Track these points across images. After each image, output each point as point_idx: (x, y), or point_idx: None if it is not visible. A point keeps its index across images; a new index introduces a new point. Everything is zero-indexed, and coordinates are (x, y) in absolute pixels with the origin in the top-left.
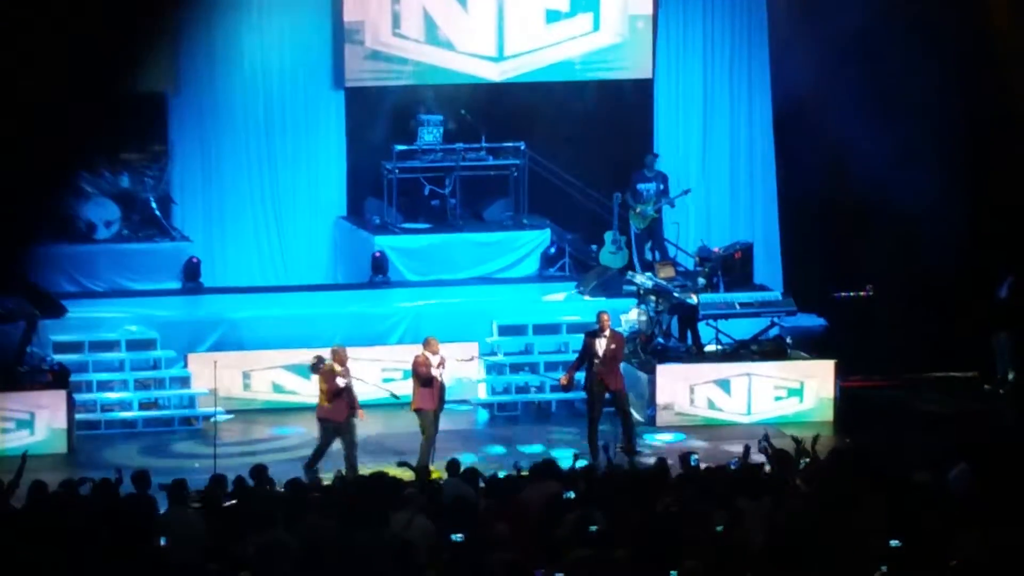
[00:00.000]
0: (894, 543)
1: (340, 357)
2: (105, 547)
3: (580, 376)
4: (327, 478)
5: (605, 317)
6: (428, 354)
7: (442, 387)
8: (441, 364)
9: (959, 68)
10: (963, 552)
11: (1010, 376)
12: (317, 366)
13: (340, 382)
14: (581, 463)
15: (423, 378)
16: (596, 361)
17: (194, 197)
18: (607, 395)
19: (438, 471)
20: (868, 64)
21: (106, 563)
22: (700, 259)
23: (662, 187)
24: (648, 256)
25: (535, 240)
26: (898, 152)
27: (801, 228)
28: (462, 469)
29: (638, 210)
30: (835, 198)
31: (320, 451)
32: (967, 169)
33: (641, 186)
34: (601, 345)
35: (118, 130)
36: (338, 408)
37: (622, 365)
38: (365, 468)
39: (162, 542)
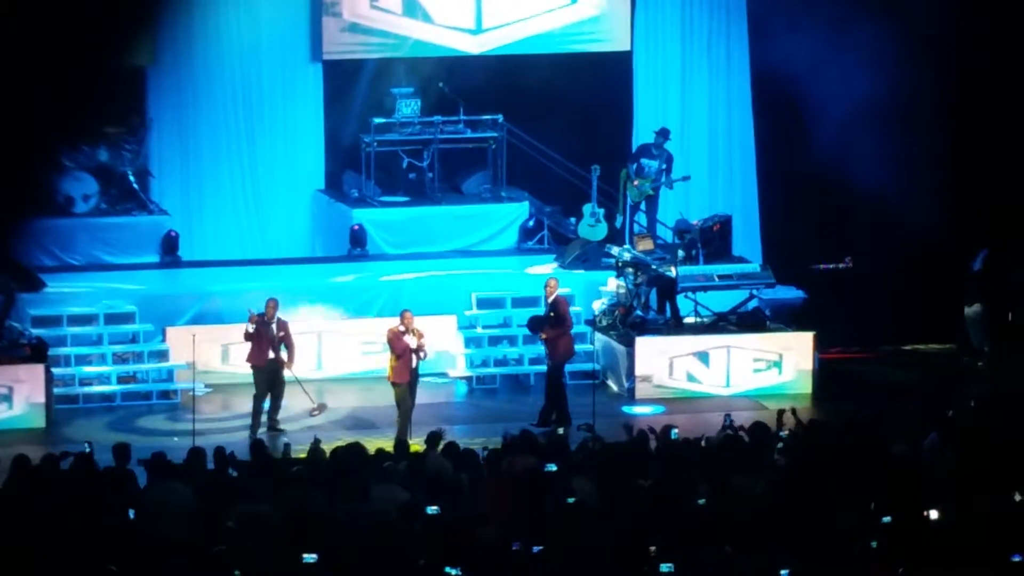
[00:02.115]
0: (886, 519)
1: (268, 309)
2: (85, 521)
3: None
4: (301, 450)
5: (550, 283)
6: (402, 327)
7: (419, 357)
8: (419, 336)
9: (936, 36)
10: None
11: (985, 348)
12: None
13: (249, 328)
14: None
15: (396, 351)
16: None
17: (172, 170)
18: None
19: (417, 444)
20: (846, 34)
21: (85, 537)
22: (679, 231)
23: (664, 167)
24: (637, 230)
25: (514, 213)
26: (876, 124)
27: (780, 200)
28: (441, 442)
29: (636, 183)
30: (813, 170)
31: (256, 399)
32: (944, 142)
33: (645, 161)
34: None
35: (96, 103)
36: (253, 352)
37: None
38: (343, 440)
39: (144, 516)
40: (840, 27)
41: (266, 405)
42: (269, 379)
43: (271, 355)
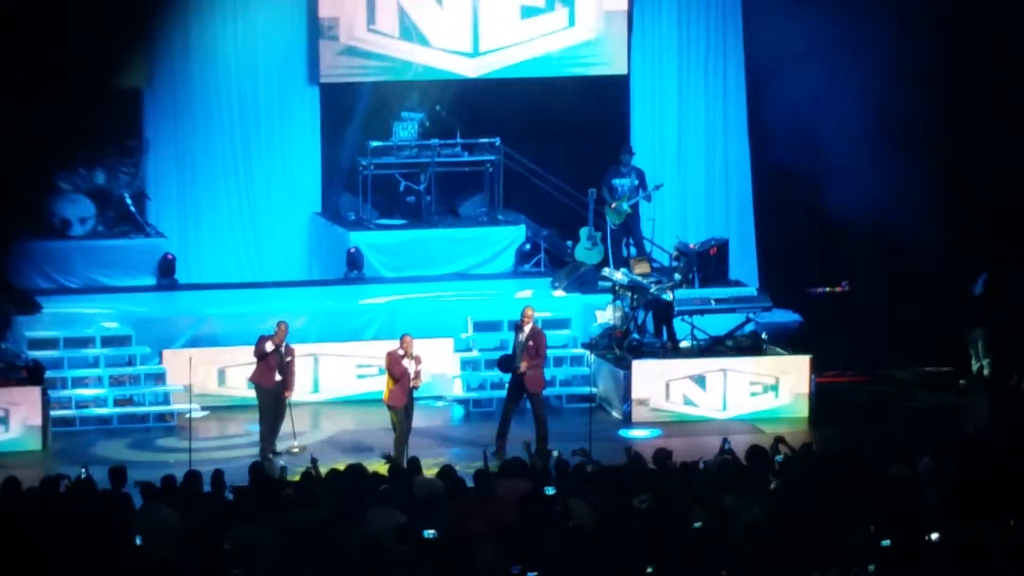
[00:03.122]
0: (885, 543)
1: (279, 331)
2: (81, 543)
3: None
4: (296, 473)
5: (527, 312)
6: (401, 351)
7: (415, 379)
8: (417, 362)
9: (934, 57)
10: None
11: (985, 371)
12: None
13: (268, 346)
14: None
15: (395, 375)
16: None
17: (169, 193)
18: (525, 393)
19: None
20: (844, 57)
21: (81, 560)
22: (677, 254)
23: (637, 183)
24: (625, 252)
25: (510, 236)
26: (874, 147)
27: (777, 224)
28: (438, 466)
29: (613, 205)
30: (810, 194)
31: (262, 421)
32: (943, 165)
33: (616, 181)
34: (519, 340)
35: (93, 126)
36: (261, 371)
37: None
38: (339, 463)
39: (138, 539)
40: (838, 51)
41: (253, 427)
42: (273, 401)
43: (277, 377)
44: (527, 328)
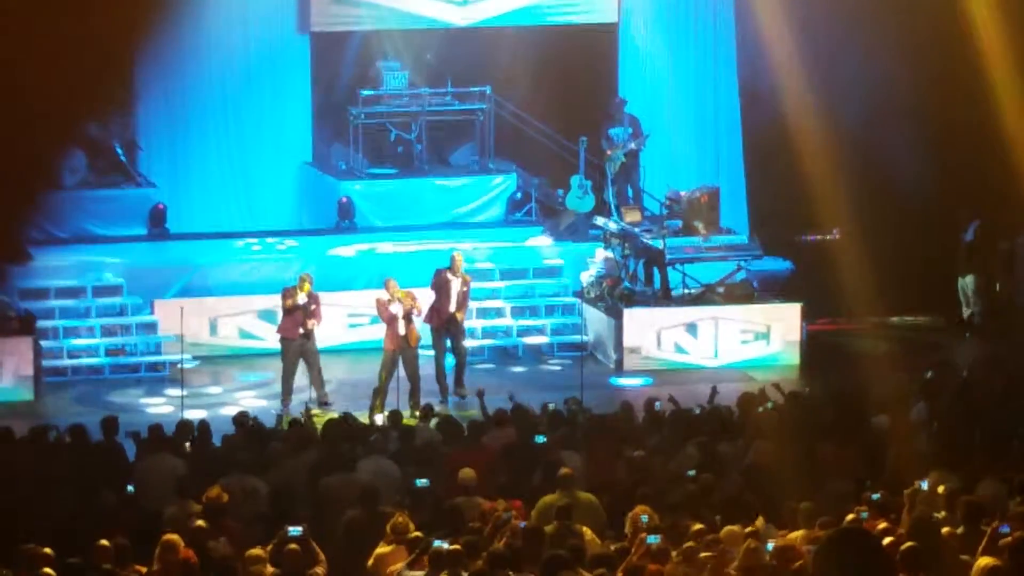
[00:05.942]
0: (875, 496)
1: (303, 281)
2: (74, 493)
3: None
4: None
5: (458, 256)
6: (385, 296)
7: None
8: (411, 300)
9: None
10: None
11: (976, 318)
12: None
13: (289, 303)
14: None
15: (383, 320)
16: (449, 301)
17: (160, 143)
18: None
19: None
20: (835, 4)
21: (75, 509)
22: (669, 202)
23: (631, 131)
24: (628, 199)
25: (501, 184)
26: (865, 96)
27: (767, 171)
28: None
29: (609, 153)
30: (801, 141)
31: (284, 376)
32: (934, 112)
33: (612, 131)
34: (455, 285)
35: (82, 78)
36: (285, 324)
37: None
38: (332, 413)
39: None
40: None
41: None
42: (299, 353)
43: (301, 329)
44: (459, 275)
